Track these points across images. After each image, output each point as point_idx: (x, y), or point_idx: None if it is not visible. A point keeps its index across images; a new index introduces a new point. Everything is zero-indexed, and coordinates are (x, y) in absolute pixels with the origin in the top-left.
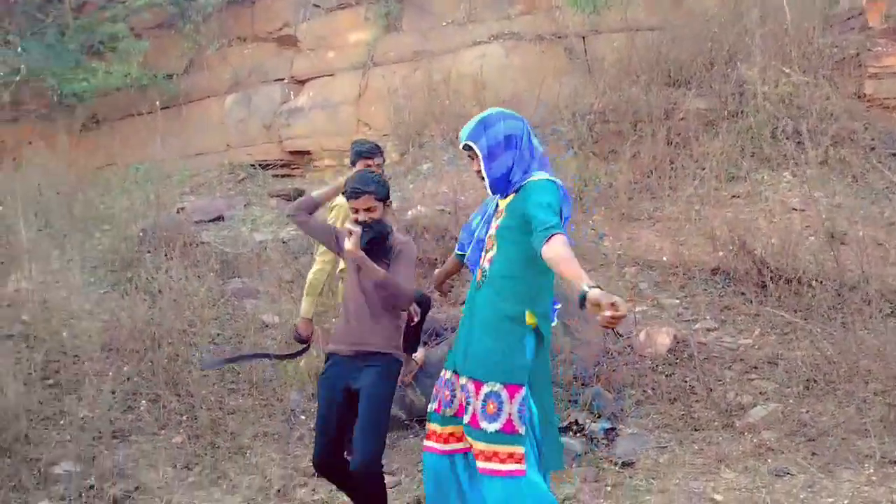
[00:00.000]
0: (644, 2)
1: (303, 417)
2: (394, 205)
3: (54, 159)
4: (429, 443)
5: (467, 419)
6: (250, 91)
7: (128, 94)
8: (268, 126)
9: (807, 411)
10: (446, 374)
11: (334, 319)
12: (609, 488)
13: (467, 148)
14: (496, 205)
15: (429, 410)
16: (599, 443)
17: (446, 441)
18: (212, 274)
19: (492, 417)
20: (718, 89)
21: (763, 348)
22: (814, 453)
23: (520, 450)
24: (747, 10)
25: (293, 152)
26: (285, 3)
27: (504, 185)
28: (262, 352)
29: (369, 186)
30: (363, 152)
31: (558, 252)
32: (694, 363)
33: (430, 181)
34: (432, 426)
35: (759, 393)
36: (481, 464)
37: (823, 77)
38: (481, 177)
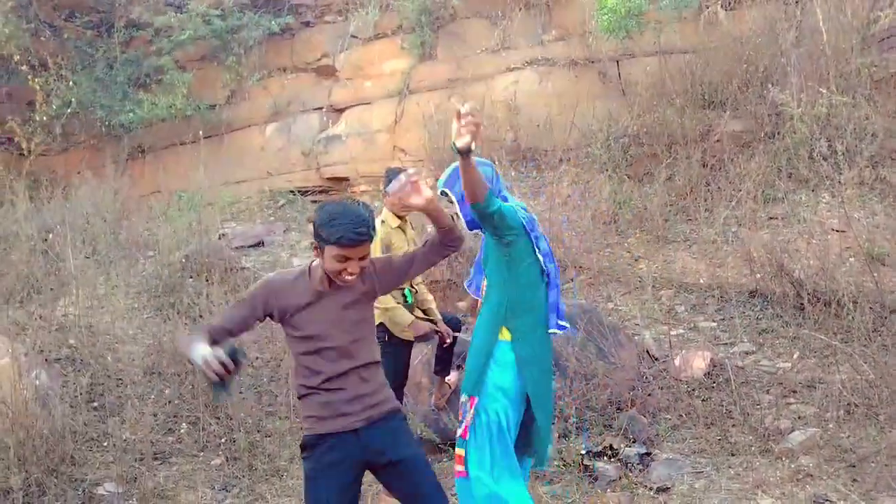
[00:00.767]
0: (677, 25)
1: None
2: (429, 228)
3: (102, 188)
4: (460, 467)
5: (459, 432)
6: (290, 120)
7: (172, 125)
8: (306, 153)
9: (847, 436)
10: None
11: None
12: None
13: (444, 194)
14: None
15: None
16: (634, 468)
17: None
18: None
19: (461, 424)
20: (754, 111)
21: (802, 372)
22: (854, 479)
23: (461, 452)
24: (782, 32)
25: (331, 178)
26: (324, 34)
27: (477, 224)
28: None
29: (365, 229)
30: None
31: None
32: (731, 387)
33: None
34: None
35: (798, 417)
36: (457, 467)
37: (862, 96)
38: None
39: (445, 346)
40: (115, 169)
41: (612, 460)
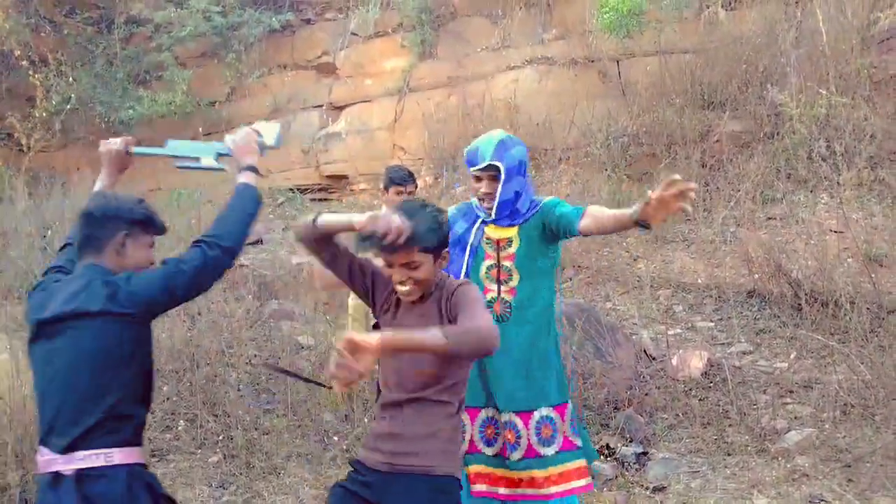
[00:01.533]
0: (677, 25)
1: (336, 438)
2: None
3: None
4: (480, 486)
5: (520, 454)
6: (289, 117)
7: (172, 121)
8: (306, 151)
9: (843, 436)
10: (485, 413)
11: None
12: None
13: (488, 168)
14: (482, 232)
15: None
16: (631, 467)
17: (497, 483)
18: (250, 296)
19: (547, 441)
20: (753, 111)
21: (799, 372)
22: (850, 480)
23: (584, 463)
24: (782, 33)
25: (330, 176)
26: (325, 32)
27: (509, 208)
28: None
29: (417, 231)
30: (396, 179)
31: (596, 210)
32: (728, 387)
33: None
34: (478, 468)
35: (794, 417)
36: (554, 488)
37: (861, 97)
38: (488, 198)
39: None
40: None
41: (609, 459)
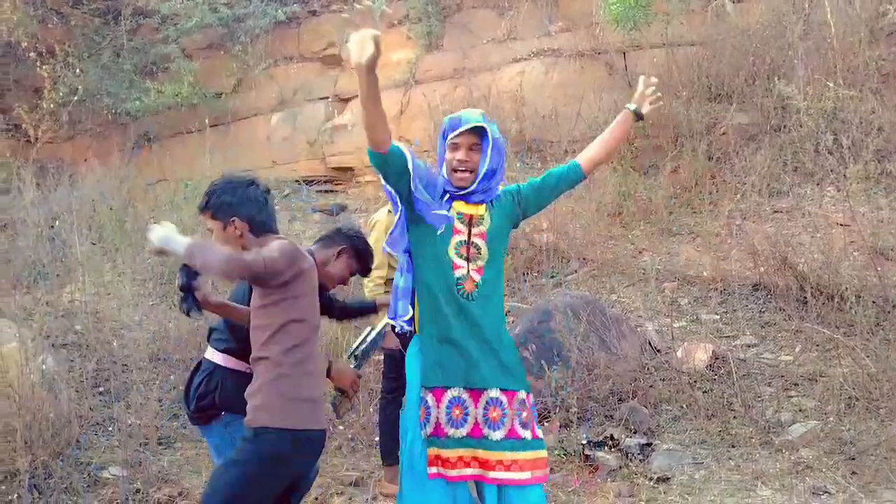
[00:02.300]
0: (685, 17)
1: (341, 427)
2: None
3: (108, 176)
4: (434, 469)
5: (502, 433)
6: (295, 109)
7: (178, 113)
8: (312, 143)
9: (847, 429)
10: (452, 393)
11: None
12: None
13: (472, 133)
14: (450, 205)
15: (422, 437)
16: (635, 458)
17: (454, 466)
18: None
19: (527, 424)
20: (760, 104)
21: (803, 365)
22: (854, 472)
23: (545, 454)
24: (790, 25)
25: (336, 168)
26: (330, 24)
27: (485, 184)
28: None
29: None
30: None
31: (587, 149)
32: (732, 379)
33: None
34: (444, 452)
35: (799, 410)
36: (519, 475)
37: (869, 90)
38: (464, 167)
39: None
40: (121, 157)
41: (613, 450)
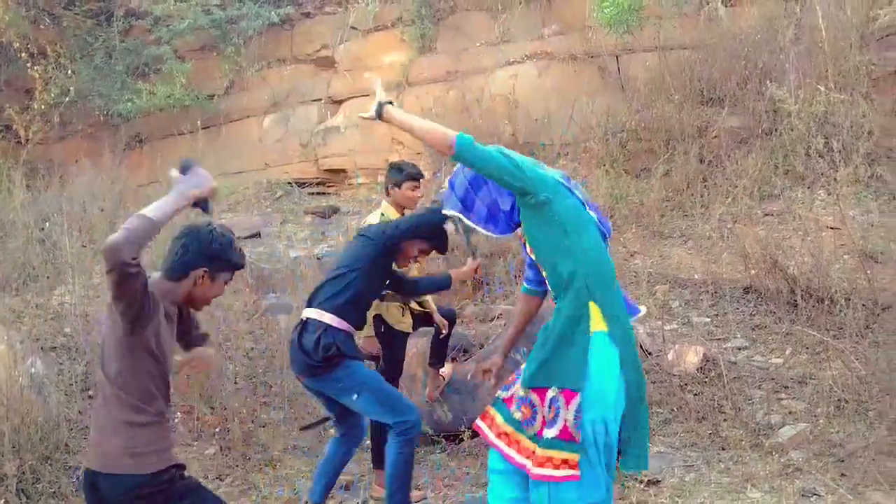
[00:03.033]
0: (677, 21)
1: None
2: None
3: (99, 177)
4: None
5: (536, 429)
6: (288, 111)
7: (170, 114)
8: (304, 145)
9: (837, 431)
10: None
11: None
12: None
13: (458, 219)
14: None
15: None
16: None
17: (498, 436)
18: (247, 289)
19: (551, 423)
20: (752, 107)
21: (794, 368)
22: (843, 474)
23: (574, 457)
24: (782, 29)
25: (329, 171)
26: (324, 26)
27: (500, 217)
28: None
29: None
30: (414, 174)
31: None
32: (723, 382)
33: None
34: (492, 411)
35: (789, 412)
36: (536, 470)
37: (860, 94)
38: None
39: (441, 337)
40: (112, 158)
41: None
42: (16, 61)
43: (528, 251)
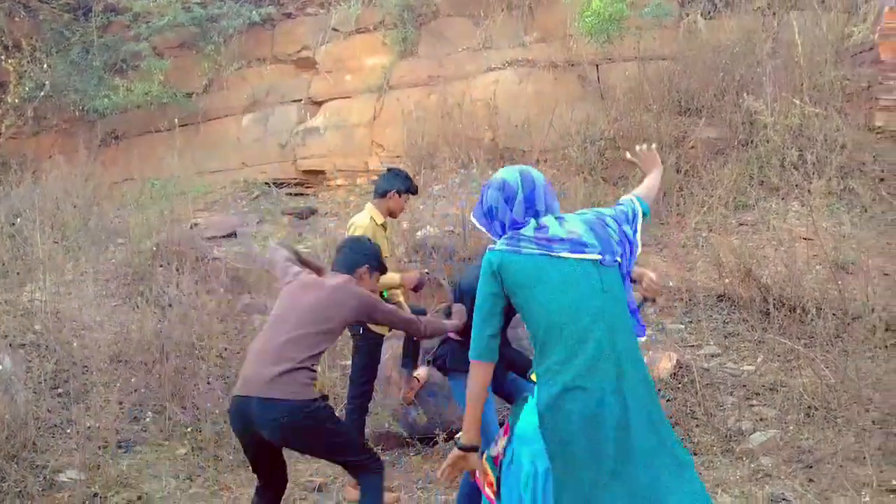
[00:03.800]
0: (657, 32)
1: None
2: (405, 225)
3: (73, 173)
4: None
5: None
6: (267, 111)
7: (147, 112)
8: (283, 145)
9: (806, 438)
10: None
11: None
12: None
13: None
14: None
15: None
16: None
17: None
18: (222, 289)
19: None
20: (728, 119)
21: (765, 375)
22: (811, 480)
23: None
24: (759, 43)
25: (307, 172)
26: (305, 27)
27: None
28: None
29: None
30: (416, 189)
31: None
32: (696, 388)
33: (441, 202)
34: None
35: (760, 419)
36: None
37: (834, 109)
38: None
39: (414, 339)
40: (87, 154)
41: None
42: None
43: None
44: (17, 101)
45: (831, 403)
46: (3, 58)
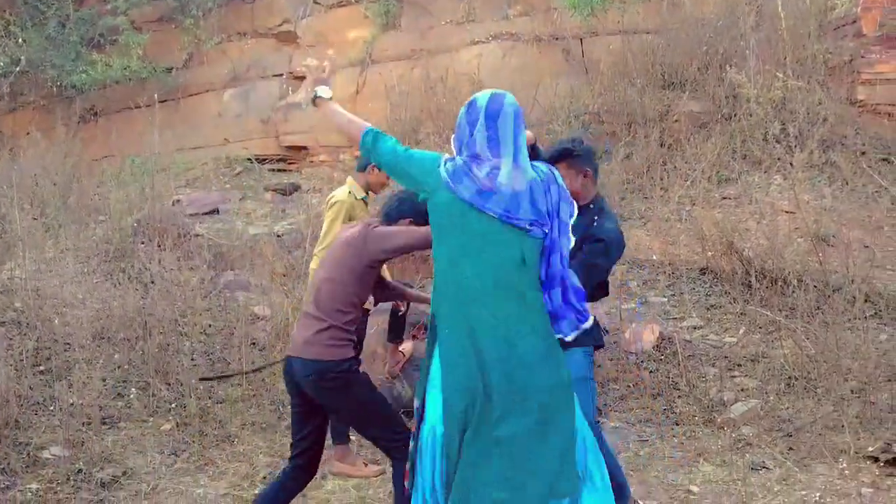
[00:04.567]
0: (641, 6)
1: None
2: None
3: (51, 150)
4: None
5: None
6: (248, 86)
7: (126, 87)
8: (265, 121)
9: (786, 408)
10: None
11: None
12: None
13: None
14: None
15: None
16: None
17: None
18: (205, 266)
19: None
20: (712, 92)
21: (747, 346)
22: (791, 448)
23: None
24: (743, 16)
25: (290, 147)
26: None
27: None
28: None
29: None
30: None
31: None
32: (678, 360)
33: None
34: None
35: (741, 390)
36: None
37: (816, 82)
38: None
39: (399, 314)
40: (65, 131)
41: None
42: None
43: None
44: None
45: (811, 374)
46: None
